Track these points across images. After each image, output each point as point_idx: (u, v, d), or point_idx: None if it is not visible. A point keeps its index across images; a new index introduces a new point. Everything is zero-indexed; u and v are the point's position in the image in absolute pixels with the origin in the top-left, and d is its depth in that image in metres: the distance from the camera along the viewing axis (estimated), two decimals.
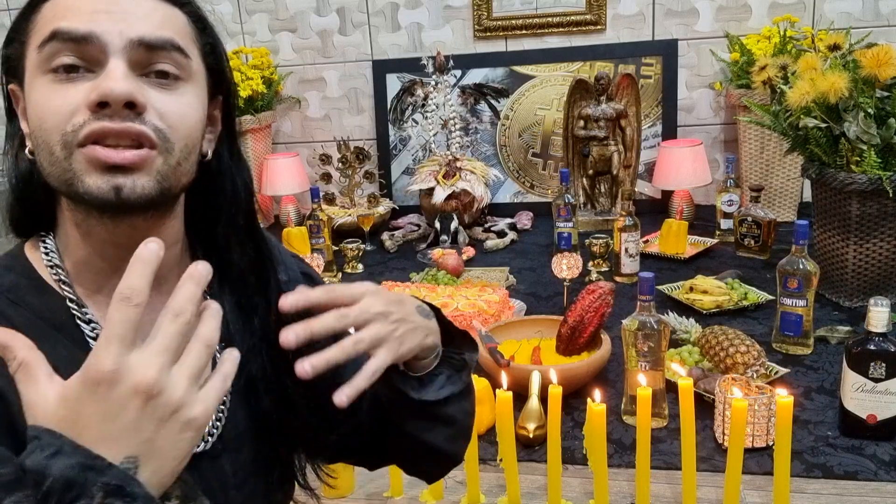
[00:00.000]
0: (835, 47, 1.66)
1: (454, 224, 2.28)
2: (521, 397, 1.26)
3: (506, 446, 1.11)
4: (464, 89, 2.59)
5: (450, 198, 2.33)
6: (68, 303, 0.63)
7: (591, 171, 2.43)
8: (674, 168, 2.35)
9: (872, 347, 1.17)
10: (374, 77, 2.70)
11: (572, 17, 2.53)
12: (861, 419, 1.19)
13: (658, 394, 1.26)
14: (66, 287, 0.64)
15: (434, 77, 2.42)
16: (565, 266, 1.78)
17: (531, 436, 1.24)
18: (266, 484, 0.73)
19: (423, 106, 2.49)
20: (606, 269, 2.01)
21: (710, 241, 2.17)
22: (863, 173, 1.57)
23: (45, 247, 0.65)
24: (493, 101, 2.61)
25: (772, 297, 1.67)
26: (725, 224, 2.21)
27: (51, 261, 0.65)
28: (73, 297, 0.64)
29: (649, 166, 2.51)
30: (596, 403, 1.09)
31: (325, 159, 2.60)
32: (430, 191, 2.37)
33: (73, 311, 0.63)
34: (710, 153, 2.53)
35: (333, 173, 2.61)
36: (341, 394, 0.61)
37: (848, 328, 1.57)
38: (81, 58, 0.59)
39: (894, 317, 1.34)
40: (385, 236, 2.41)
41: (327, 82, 2.76)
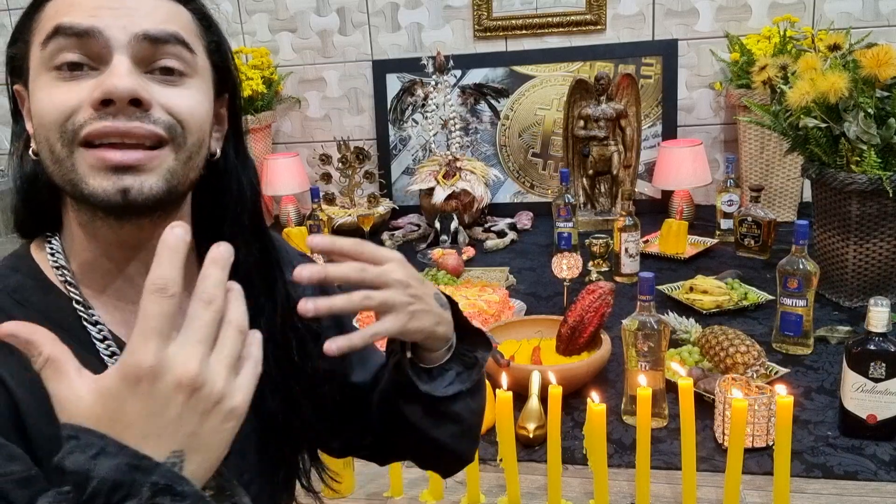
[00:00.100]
0: (835, 47, 1.66)
1: (454, 224, 2.28)
2: (521, 397, 1.26)
3: (506, 446, 1.11)
4: (464, 89, 2.58)
5: (450, 198, 2.33)
6: (74, 304, 0.63)
7: (591, 171, 2.43)
8: (674, 168, 2.35)
9: (872, 347, 1.17)
10: (374, 77, 2.70)
11: (572, 17, 2.53)
12: (861, 419, 1.19)
13: (658, 394, 1.26)
14: (72, 288, 0.63)
15: (434, 77, 2.41)
16: (565, 266, 1.77)
17: (531, 436, 1.24)
18: (271, 485, 0.73)
19: (423, 106, 2.49)
20: (606, 269, 2.01)
21: (710, 241, 2.17)
22: (863, 173, 1.57)
23: (51, 247, 0.65)
24: (493, 101, 2.61)
25: (772, 297, 1.67)
26: (725, 224, 2.21)
27: (56, 261, 0.64)
28: (79, 299, 0.63)
29: (649, 166, 2.51)
30: (596, 403, 1.09)
31: (325, 159, 2.60)
32: (430, 191, 2.37)
33: (80, 312, 0.63)
34: (710, 153, 2.53)
35: (333, 173, 2.61)
36: (333, 343, 0.59)
37: (848, 328, 1.57)
38: (85, 54, 0.58)
39: (894, 317, 1.34)
40: (385, 236, 2.41)
41: (327, 82, 2.76)
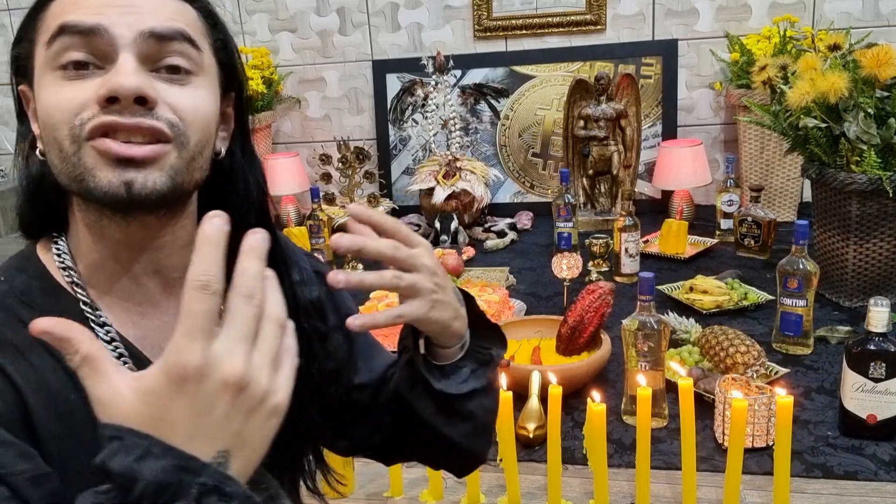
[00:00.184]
0: (835, 47, 1.66)
1: (454, 224, 2.27)
2: (521, 397, 1.26)
3: (506, 446, 1.11)
4: (464, 89, 2.59)
5: (450, 198, 2.33)
6: (82, 305, 0.62)
7: (591, 171, 2.43)
8: (674, 168, 2.35)
9: (872, 347, 1.17)
10: (374, 77, 2.70)
11: (572, 17, 2.53)
12: (861, 419, 1.19)
13: (658, 394, 1.26)
14: (79, 289, 0.63)
15: (434, 77, 2.41)
16: (565, 266, 1.77)
17: (531, 436, 1.24)
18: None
19: (423, 106, 2.49)
20: (606, 269, 2.01)
21: (710, 241, 2.17)
22: (863, 173, 1.57)
23: (58, 248, 0.64)
24: (493, 101, 2.61)
25: (772, 297, 1.67)
26: (725, 224, 2.21)
27: (63, 262, 0.64)
28: (86, 300, 0.63)
29: (649, 166, 2.51)
30: (596, 403, 1.09)
31: (325, 159, 2.60)
32: (430, 191, 2.37)
33: (87, 313, 0.62)
34: (710, 153, 2.53)
35: (333, 173, 2.61)
36: (356, 319, 0.61)
37: (848, 328, 1.57)
38: (90, 53, 0.58)
39: (894, 317, 1.34)
40: None
41: (327, 82, 2.76)
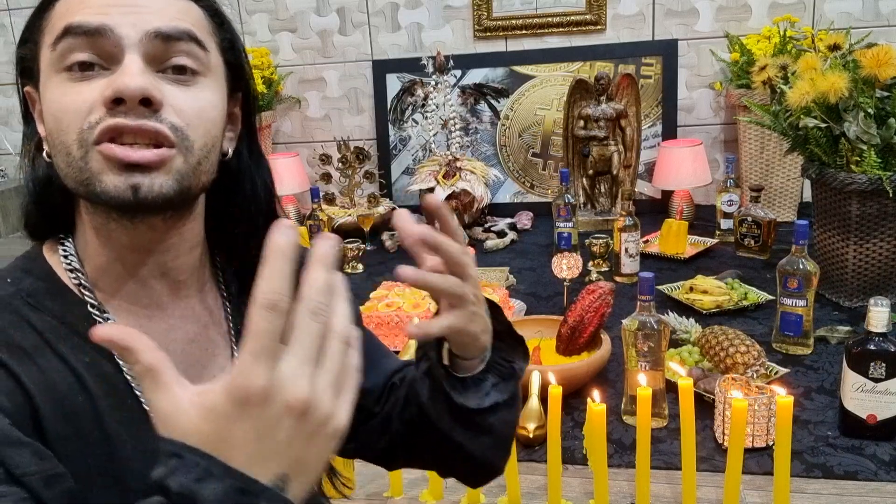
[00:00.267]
0: (835, 47, 1.66)
1: None
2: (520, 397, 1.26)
3: None
4: (464, 89, 2.58)
5: (450, 198, 2.33)
6: (89, 308, 0.62)
7: (591, 171, 2.43)
8: (674, 168, 2.35)
9: (872, 347, 1.17)
10: (374, 77, 2.70)
11: (572, 17, 2.53)
12: (861, 419, 1.19)
13: (658, 394, 1.26)
14: (86, 292, 0.63)
15: (434, 77, 2.41)
16: (565, 266, 1.77)
17: (531, 436, 1.24)
18: None
19: (423, 106, 2.48)
20: (606, 269, 2.01)
21: (710, 241, 2.17)
22: (863, 173, 1.57)
23: (65, 250, 0.64)
24: (493, 101, 2.60)
25: (772, 297, 1.67)
26: (725, 224, 2.21)
27: (70, 264, 0.63)
28: (94, 303, 0.62)
29: (649, 166, 2.51)
30: (596, 403, 1.09)
31: (325, 159, 2.60)
32: (430, 191, 2.36)
33: (95, 316, 0.62)
34: (710, 153, 2.53)
35: (333, 173, 2.61)
36: (416, 328, 0.63)
37: (848, 328, 1.57)
38: (96, 54, 0.57)
39: (894, 317, 1.34)
40: (385, 236, 2.40)
41: (327, 82, 2.76)
